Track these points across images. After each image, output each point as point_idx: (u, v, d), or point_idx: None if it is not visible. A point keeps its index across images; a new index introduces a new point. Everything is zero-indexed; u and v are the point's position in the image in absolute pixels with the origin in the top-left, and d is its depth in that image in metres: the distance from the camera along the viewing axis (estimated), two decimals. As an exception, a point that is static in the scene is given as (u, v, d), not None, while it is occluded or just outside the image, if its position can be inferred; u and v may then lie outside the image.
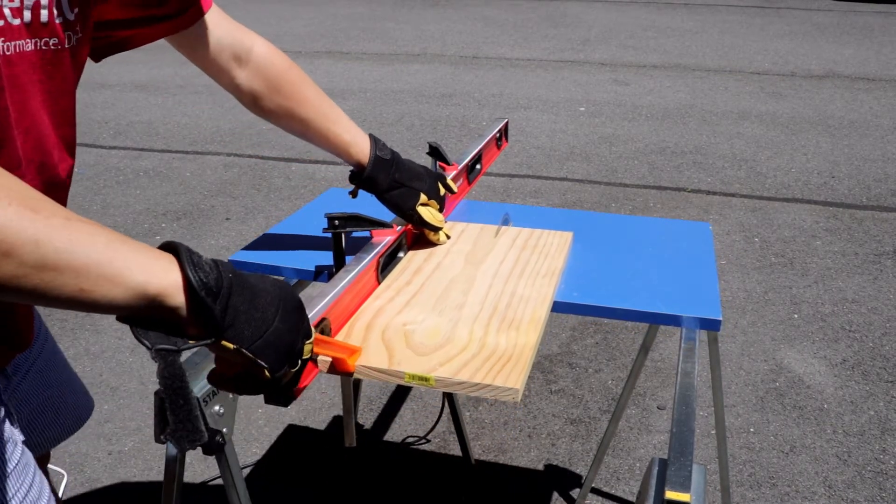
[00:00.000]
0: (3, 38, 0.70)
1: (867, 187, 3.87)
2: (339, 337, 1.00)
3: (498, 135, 1.75)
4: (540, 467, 2.08)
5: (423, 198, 1.24)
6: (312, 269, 1.27)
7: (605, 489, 2.00)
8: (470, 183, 1.60)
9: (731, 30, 7.77)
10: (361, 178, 1.20)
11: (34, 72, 0.76)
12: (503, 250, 1.28)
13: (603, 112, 5.13)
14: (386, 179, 1.20)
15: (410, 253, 1.27)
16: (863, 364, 2.47)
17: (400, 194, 1.22)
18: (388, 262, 1.20)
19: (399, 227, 1.24)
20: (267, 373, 0.71)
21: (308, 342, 0.78)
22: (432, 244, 1.30)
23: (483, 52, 6.96)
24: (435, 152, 1.45)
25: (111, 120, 5.14)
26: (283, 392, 0.81)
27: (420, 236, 1.31)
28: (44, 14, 0.73)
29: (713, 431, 2.14)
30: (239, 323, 0.67)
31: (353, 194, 1.25)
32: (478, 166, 1.65)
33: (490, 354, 0.95)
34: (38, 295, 0.57)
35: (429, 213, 1.25)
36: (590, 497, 1.97)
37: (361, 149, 1.19)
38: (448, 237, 1.32)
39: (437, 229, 1.28)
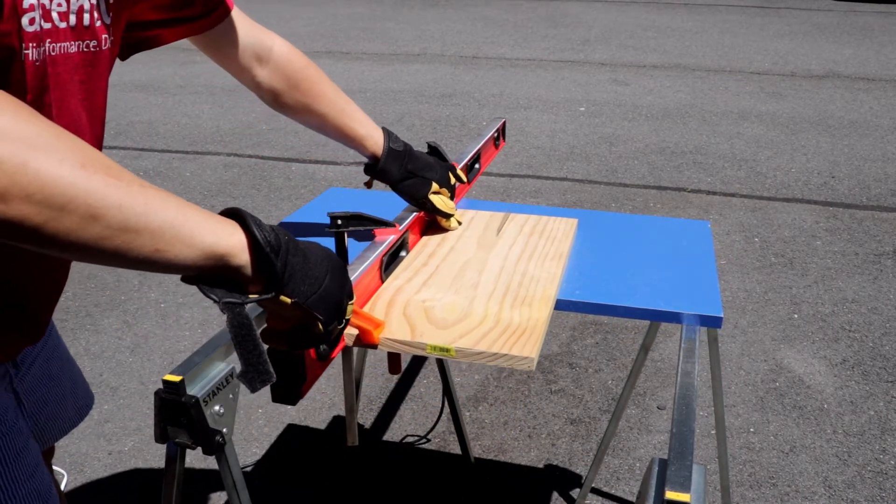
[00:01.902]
0: (49, 40, 0.75)
1: (867, 187, 3.87)
2: None
3: (496, 134, 1.75)
4: (540, 467, 2.08)
5: (434, 186, 1.30)
6: (314, 268, 1.27)
7: (605, 489, 2.00)
8: (469, 182, 1.60)
9: (731, 30, 7.77)
10: (376, 169, 1.26)
11: (76, 72, 0.81)
12: (513, 235, 1.35)
13: (603, 112, 5.13)
14: (399, 170, 1.26)
15: (424, 238, 1.33)
16: (863, 364, 2.47)
17: (413, 184, 1.28)
18: (390, 260, 1.20)
19: (401, 226, 1.25)
20: (320, 326, 0.77)
21: (350, 303, 0.83)
22: (445, 230, 1.37)
23: (483, 52, 6.96)
24: (434, 152, 1.46)
25: (111, 120, 5.14)
26: (326, 341, 0.84)
27: (432, 223, 1.37)
28: (86, 18, 0.79)
29: (713, 431, 2.14)
30: (296, 279, 0.73)
31: (368, 185, 1.31)
32: (476, 165, 1.65)
33: (506, 328, 1.02)
34: (119, 255, 0.62)
35: (441, 200, 1.32)
36: (590, 497, 1.97)
37: (376, 141, 1.25)
38: (459, 223, 1.39)
39: (448, 216, 1.34)
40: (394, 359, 1.35)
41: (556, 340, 2.64)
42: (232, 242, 0.69)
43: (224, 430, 0.95)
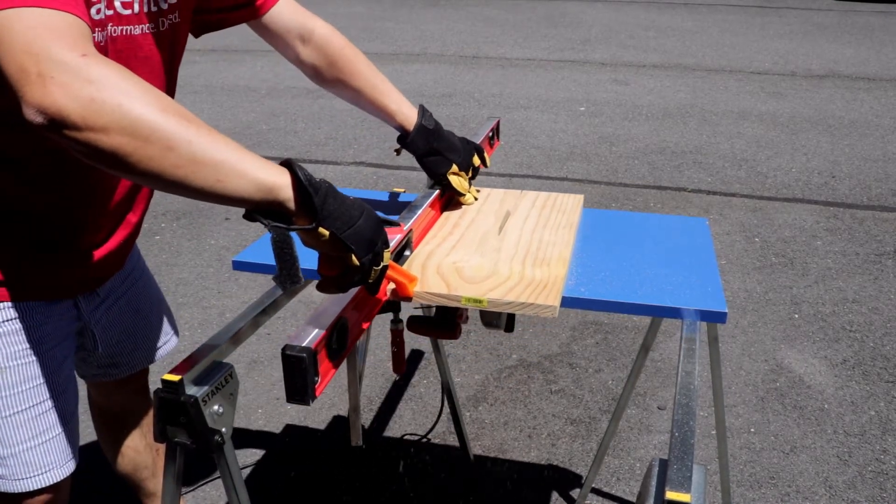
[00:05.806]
0: (111, 24, 0.95)
1: (867, 187, 3.87)
2: None
3: (491, 134, 1.75)
4: (540, 467, 2.08)
5: (454, 168, 1.40)
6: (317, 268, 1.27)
7: (605, 489, 2.00)
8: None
9: (731, 30, 7.77)
10: (406, 141, 1.38)
11: (139, 49, 1.01)
12: (526, 209, 1.47)
13: (603, 112, 5.13)
14: (425, 146, 1.37)
15: (446, 213, 1.45)
16: (863, 364, 2.47)
17: (435, 161, 1.39)
18: (396, 259, 1.20)
19: (406, 225, 1.25)
20: (354, 257, 0.89)
21: (386, 250, 0.95)
22: (464, 205, 1.49)
23: (483, 52, 6.96)
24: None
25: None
26: (365, 280, 0.95)
27: (451, 199, 1.48)
28: (147, 5, 1.00)
29: (713, 431, 2.14)
30: (332, 216, 0.87)
31: (397, 152, 1.42)
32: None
33: (529, 283, 1.15)
34: (187, 183, 0.77)
35: (458, 181, 1.42)
36: (590, 497, 1.96)
37: (406, 116, 1.36)
38: (476, 198, 1.50)
39: (462, 195, 1.46)
40: (398, 358, 1.36)
41: (556, 340, 2.64)
42: (280, 180, 0.83)
43: (223, 429, 0.94)
